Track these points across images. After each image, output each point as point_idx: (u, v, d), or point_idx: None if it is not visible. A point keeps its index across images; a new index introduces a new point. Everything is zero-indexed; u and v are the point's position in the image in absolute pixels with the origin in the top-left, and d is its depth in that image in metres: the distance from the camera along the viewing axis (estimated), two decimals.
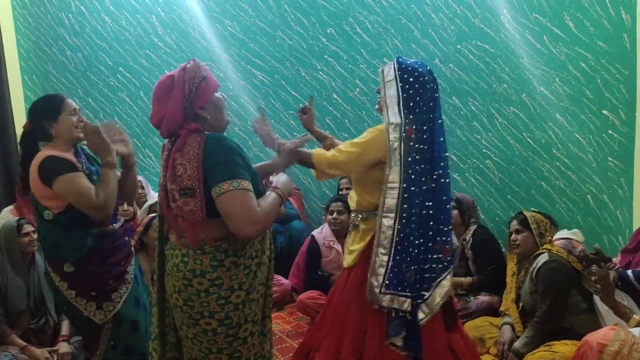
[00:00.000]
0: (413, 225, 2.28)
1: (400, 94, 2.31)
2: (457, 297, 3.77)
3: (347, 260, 2.49)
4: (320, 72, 4.81)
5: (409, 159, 2.27)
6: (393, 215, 2.27)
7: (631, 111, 4.04)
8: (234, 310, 1.85)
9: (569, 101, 4.19)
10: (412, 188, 2.27)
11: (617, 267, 3.09)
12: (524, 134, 4.34)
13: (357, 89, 4.75)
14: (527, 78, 4.27)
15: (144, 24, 5.15)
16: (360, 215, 2.46)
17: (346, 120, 4.80)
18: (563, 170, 4.28)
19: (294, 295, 4.23)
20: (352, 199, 2.55)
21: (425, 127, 2.32)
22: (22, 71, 5.35)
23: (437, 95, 2.40)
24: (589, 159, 4.20)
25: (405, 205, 2.26)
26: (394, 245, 2.27)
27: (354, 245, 2.47)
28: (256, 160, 2.21)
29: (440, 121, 2.38)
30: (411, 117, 2.30)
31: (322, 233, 4.06)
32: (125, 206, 4.14)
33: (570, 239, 3.64)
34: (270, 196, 1.89)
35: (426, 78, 2.34)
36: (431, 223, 2.32)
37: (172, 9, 5.08)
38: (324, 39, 4.78)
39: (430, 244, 2.32)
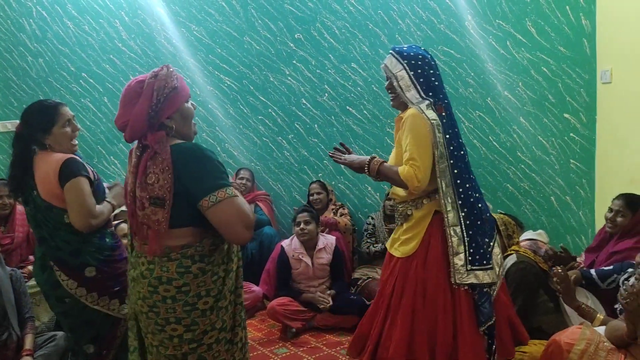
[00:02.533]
0: (471, 199, 2.30)
1: (415, 79, 2.31)
2: None
3: (404, 249, 2.40)
4: (289, 77, 4.80)
5: (447, 135, 2.28)
6: (452, 192, 2.28)
7: (592, 114, 4.16)
8: (200, 317, 1.84)
9: (532, 105, 4.29)
10: (459, 163, 2.29)
11: (581, 266, 3.17)
12: (490, 137, 4.42)
13: (326, 94, 4.76)
14: (491, 82, 4.36)
15: (107, 29, 5.05)
16: (410, 204, 2.40)
17: (315, 125, 4.81)
18: (527, 173, 4.37)
19: (265, 302, 4.20)
20: (397, 191, 2.47)
21: (446, 103, 2.35)
22: None
23: (439, 73, 2.41)
24: (552, 161, 4.30)
25: (458, 181, 2.28)
26: (462, 222, 2.28)
27: (408, 234, 2.40)
28: (226, 166, 2.19)
29: (448, 100, 2.42)
30: (434, 96, 2.32)
31: (292, 245, 4.05)
32: None
33: (535, 239, 3.72)
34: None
35: (427, 57, 2.37)
36: (477, 195, 2.36)
37: (136, 14, 5.00)
38: (292, 44, 4.78)
39: (483, 216, 2.35)
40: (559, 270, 2.64)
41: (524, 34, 4.24)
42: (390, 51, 2.39)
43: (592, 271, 2.91)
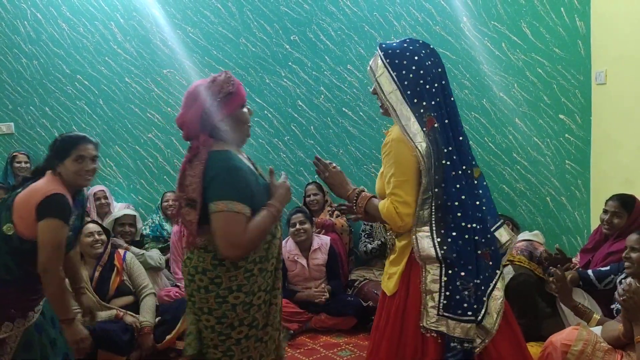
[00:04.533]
0: (455, 233, 1.88)
1: (399, 83, 1.91)
2: None
3: (387, 286, 2.05)
4: (285, 79, 4.80)
5: (439, 155, 1.88)
6: (428, 229, 1.88)
7: (587, 115, 4.18)
8: (230, 310, 1.89)
9: (528, 106, 4.31)
10: (447, 189, 1.88)
11: (577, 267, 3.18)
12: (485, 138, 4.44)
13: (322, 96, 4.76)
14: (487, 84, 4.37)
15: (102, 31, 5.03)
16: (393, 232, 2.07)
17: (311, 127, 4.81)
18: (523, 174, 4.39)
19: None
20: None
21: (443, 110, 1.92)
22: None
23: (442, 69, 1.98)
24: (548, 162, 4.32)
25: (441, 222, 1.88)
26: (441, 259, 1.87)
27: (392, 268, 2.05)
28: None
29: (452, 99, 1.99)
30: (424, 104, 1.90)
31: (286, 247, 4.06)
32: None
33: (531, 240, 3.73)
34: (260, 215, 1.89)
35: (421, 54, 1.95)
36: (474, 225, 1.90)
37: (131, 16, 4.99)
38: (287, 46, 4.78)
39: (479, 252, 1.91)
40: (557, 271, 2.65)
41: (519, 36, 4.26)
42: (377, 47, 2.03)
43: (590, 272, 2.91)
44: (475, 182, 1.99)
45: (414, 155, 1.88)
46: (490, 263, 1.93)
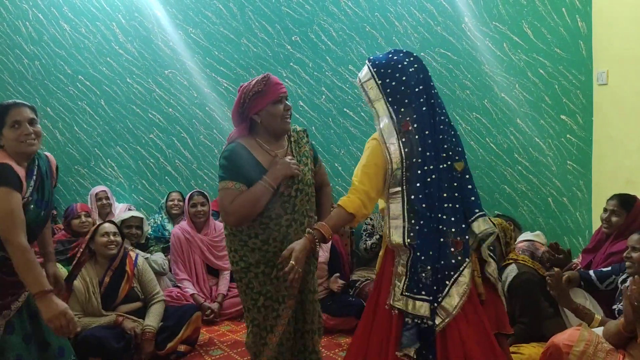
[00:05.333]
0: (424, 223, 2.08)
1: (383, 90, 2.15)
2: None
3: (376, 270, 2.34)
4: (286, 80, 4.80)
5: (413, 152, 2.09)
6: (401, 220, 2.11)
7: (588, 116, 4.18)
8: (239, 273, 2.40)
9: (529, 107, 4.31)
10: (415, 188, 2.09)
11: (578, 267, 3.17)
12: (487, 139, 4.43)
13: (323, 96, 4.76)
14: (488, 84, 4.37)
15: (104, 31, 5.04)
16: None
17: (313, 128, 4.81)
18: (525, 174, 4.38)
19: None
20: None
21: (421, 112, 2.12)
22: None
23: (424, 75, 2.18)
24: (549, 162, 4.32)
25: (411, 212, 2.09)
26: (408, 246, 2.09)
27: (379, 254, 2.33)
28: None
29: (439, 100, 2.19)
30: (402, 110, 2.13)
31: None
32: (83, 217, 4.02)
33: (533, 240, 3.72)
34: (253, 188, 2.28)
35: (405, 63, 2.17)
36: (444, 216, 2.10)
37: (133, 16, 4.99)
38: (289, 47, 4.78)
39: (441, 240, 2.09)
40: (554, 274, 2.63)
41: (521, 36, 4.26)
42: (366, 61, 2.26)
43: (591, 272, 2.91)
44: (459, 175, 2.15)
45: (384, 155, 2.12)
46: (461, 251, 2.09)
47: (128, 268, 3.50)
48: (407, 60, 2.18)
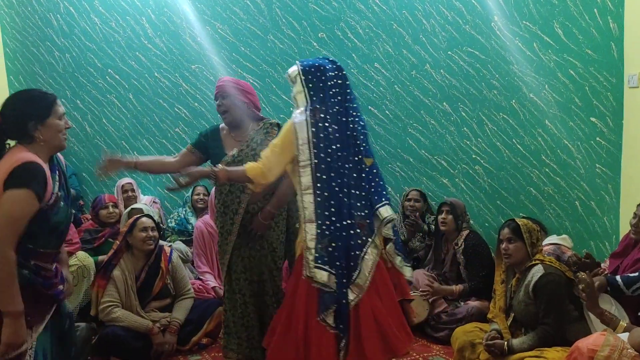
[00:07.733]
0: (332, 202, 2.36)
1: (305, 84, 2.47)
2: (447, 302, 3.79)
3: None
4: None
5: (321, 135, 2.39)
6: (311, 191, 2.37)
7: (618, 119, 4.09)
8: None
9: (558, 108, 4.24)
10: (323, 166, 2.37)
11: (605, 272, 3.12)
12: (514, 140, 4.38)
13: None
14: (517, 85, 4.31)
15: (133, 26, 5.11)
16: None
17: None
18: (552, 177, 4.32)
19: None
20: None
21: (334, 108, 2.45)
22: (9, 72, 5.28)
23: (342, 81, 2.51)
24: (577, 165, 4.24)
25: (318, 184, 2.37)
26: (317, 219, 2.35)
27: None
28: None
29: (354, 105, 2.53)
30: (314, 99, 2.45)
31: None
32: (111, 208, 4.09)
33: (559, 244, 3.68)
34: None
35: (327, 66, 2.50)
36: (351, 201, 2.40)
37: (162, 11, 5.05)
38: (315, 44, 4.79)
39: (348, 221, 2.38)
40: (585, 276, 2.60)
41: (551, 36, 4.19)
42: (296, 62, 2.57)
43: (618, 277, 2.85)
44: (367, 169, 2.49)
45: (291, 132, 2.42)
46: (364, 232, 2.41)
47: (163, 264, 3.54)
48: (329, 65, 2.51)
